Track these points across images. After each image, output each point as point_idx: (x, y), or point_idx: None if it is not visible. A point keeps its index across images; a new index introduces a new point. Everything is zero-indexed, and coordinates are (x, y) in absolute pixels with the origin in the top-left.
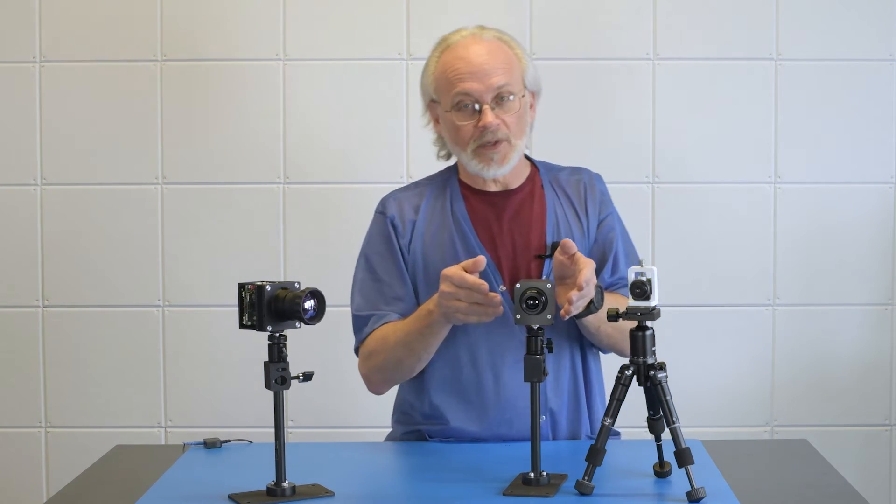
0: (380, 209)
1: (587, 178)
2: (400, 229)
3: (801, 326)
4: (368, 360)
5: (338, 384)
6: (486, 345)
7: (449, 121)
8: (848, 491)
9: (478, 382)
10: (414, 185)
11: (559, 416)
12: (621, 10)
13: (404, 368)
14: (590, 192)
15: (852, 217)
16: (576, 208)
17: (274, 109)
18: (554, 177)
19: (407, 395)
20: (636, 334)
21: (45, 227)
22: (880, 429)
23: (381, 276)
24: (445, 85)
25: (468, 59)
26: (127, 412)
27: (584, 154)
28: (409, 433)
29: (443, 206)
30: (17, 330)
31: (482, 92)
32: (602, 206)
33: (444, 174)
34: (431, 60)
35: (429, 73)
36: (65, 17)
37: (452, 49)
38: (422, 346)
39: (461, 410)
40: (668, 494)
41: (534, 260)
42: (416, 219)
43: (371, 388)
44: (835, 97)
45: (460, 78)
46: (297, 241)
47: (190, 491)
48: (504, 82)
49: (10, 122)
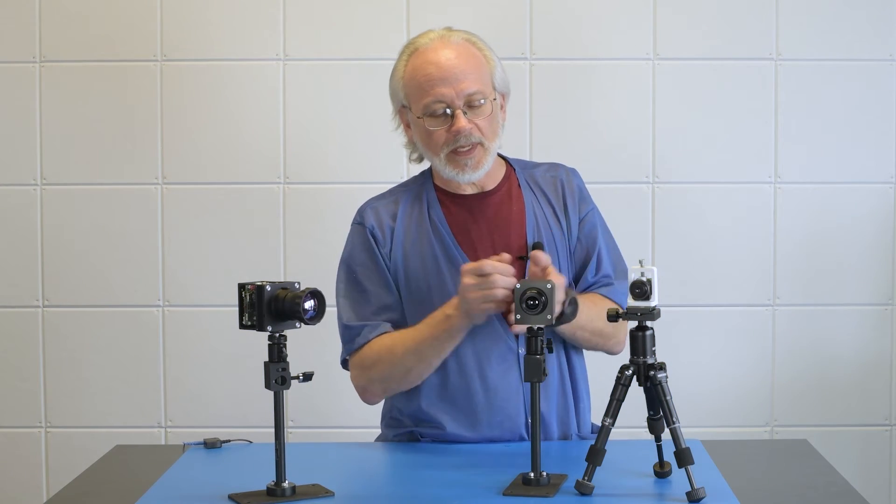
0: (357, 220)
1: (564, 175)
2: (380, 238)
3: (801, 326)
4: (369, 370)
5: (338, 384)
6: (471, 350)
7: (421, 127)
8: (848, 491)
9: (466, 388)
10: (389, 192)
11: (549, 417)
12: (621, 10)
13: (412, 377)
14: (568, 190)
15: (852, 217)
16: (553, 207)
17: (274, 109)
18: (530, 175)
19: (396, 401)
20: (636, 334)
21: (45, 227)
22: (880, 429)
23: (367, 287)
24: (416, 91)
25: (438, 64)
26: (127, 412)
27: (583, 154)
28: (400, 435)
29: (420, 212)
30: (17, 330)
31: (454, 97)
32: (581, 204)
33: (419, 179)
34: (399, 65)
35: (397, 77)
36: (65, 17)
37: (421, 53)
38: (435, 352)
39: (451, 416)
40: (668, 494)
41: (516, 261)
42: (395, 226)
43: (366, 397)
44: (835, 97)
45: (431, 84)
46: (297, 241)
47: (190, 491)
48: (475, 89)
49: (10, 122)
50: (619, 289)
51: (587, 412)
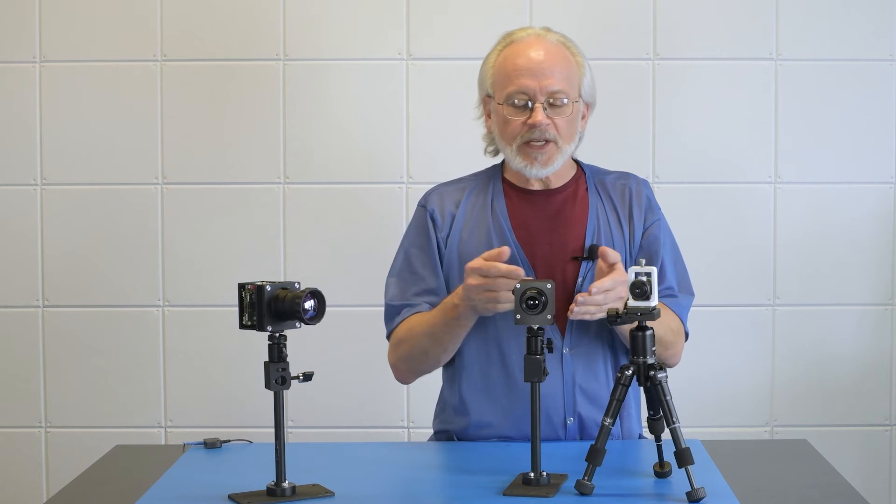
0: (422, 202)
1: (633, 184)
2: (439, 223)
3: (801, 326)
4: (397, 348)
5: (338, 384)
6: (516, 343)
7: (500, 114)
8: (848, 491)
9: (507, 382)
10: (458, 180)
11: (588, 420)
12: (621, 10)
13: (430, 359)
14: (635, 199)
15: (852, 217)
16: (619, 213)
17: (274, 109)
18: (600, 180)
19: (444, 390)
20: (636, 334)
21: (45, 227)
22: (880, 429)
23: (417, 269)
24: (502, 79)
25: (528, 57)
26: (127, 412)
27: (583, 154)
28: (440, 433)
29: (484, 202)
30: (17, 330)
31: (537, 91)
32: (648, 214)
33: (490, 171)
34: (492, 54)
35: (488, 66)
36: (65, 17)
37: (515, 45)
38: (448, 337)
39: (489, 408)
40: (668, 494)
41: (570, 262)
42: (456, 213)
43: (397, 376)
44: (835, 97)
45: (518, 73)
46: (297, 241)
47: (190, 491)
48: (559, 87)
49: (10, 122)
50: (682, 303)
51: (632, 419)
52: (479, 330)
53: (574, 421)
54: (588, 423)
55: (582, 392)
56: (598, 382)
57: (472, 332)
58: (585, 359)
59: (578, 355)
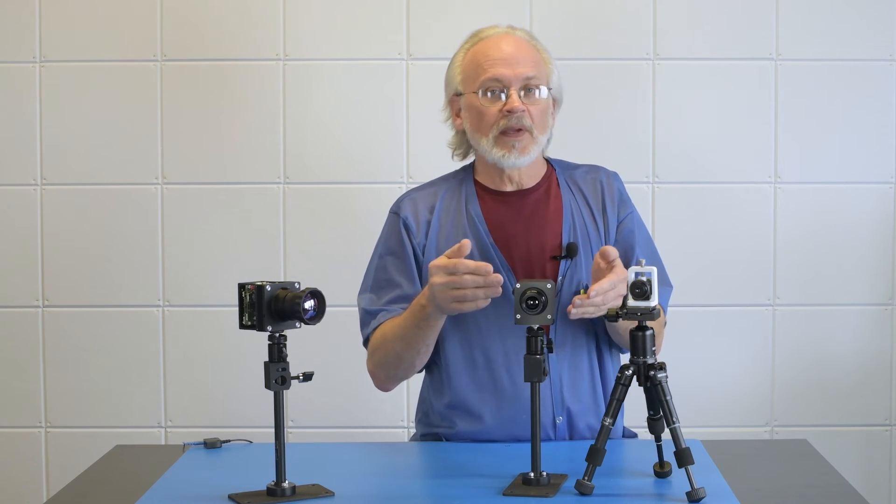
0: (394, 209)
1: (604, 177)
2: (413, 230)
3: (801, 326)
4: (373, 355)
5: (338, 384)
6: (500, 347)
7: (474, 106)
8: (848, 491)
9: (494, 385)
10: (430, 183)
11: (577, 417)
12: (621, 10)
13: (404, 363)
14: (607, 192)
15: (852, 217)
16: (592, 208)
17: (274, 109)
18: (570, 175)
19: (427, 394)
20: (636, 334)
21: (45, 227)
22: (880, 429)
23: (392, 275)
24: (474, 70)
25: (500, 48)
26: (127, 412)
27: (583, 154)
28: (427, 435)
29: (458, 205)
30: (17, 330)
31: (511, 78)
32: (621, 207)
33: (460, 174)
34: (460, 52)
35: (456, 64)
36: (65, 17)
37: (485, 41)
38: (418, 339)
39: (477, 412)
40: (668, 494)
41: (549, 261)
42: (431, 218)
43: (376, 383)
44: (835, 97)
45: (491, 63)
46: (297, 241)
47: (190, 491)
48: (533, 74)
49: (10, 122)
50: (663, 294)
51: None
52: (462, 335)
53: (563, 419)
54: (576, 420)
55: (569, 389)
56: (584, 378)
57: (455, 337)
58: (571, 356)
59: (564, 354)
